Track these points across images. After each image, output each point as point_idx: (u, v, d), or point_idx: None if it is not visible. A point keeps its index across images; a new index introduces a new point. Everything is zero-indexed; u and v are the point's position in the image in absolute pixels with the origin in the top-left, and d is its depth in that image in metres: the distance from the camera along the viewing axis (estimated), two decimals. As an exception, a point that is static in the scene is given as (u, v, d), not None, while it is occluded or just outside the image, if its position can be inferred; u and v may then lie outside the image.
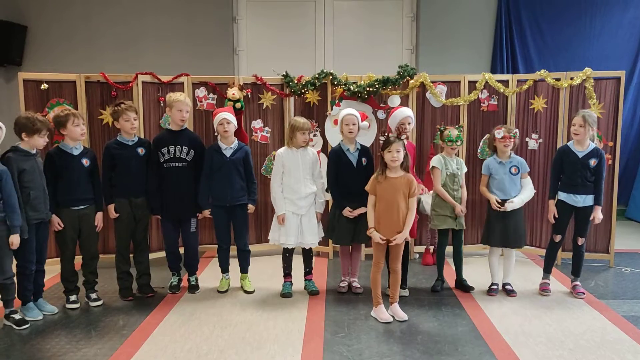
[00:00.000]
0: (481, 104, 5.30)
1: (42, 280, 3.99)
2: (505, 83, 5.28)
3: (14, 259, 3.72)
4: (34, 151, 3.80)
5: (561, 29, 7.23)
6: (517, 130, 4.37)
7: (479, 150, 5.33)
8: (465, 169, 4.38)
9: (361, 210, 4.10)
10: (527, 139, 5.25)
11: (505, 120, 5.28)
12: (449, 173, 4.29)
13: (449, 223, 4.28)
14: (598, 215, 4.19)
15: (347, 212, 4.12)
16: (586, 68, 4.98)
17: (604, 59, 6.96)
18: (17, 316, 3.73)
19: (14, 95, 5.19)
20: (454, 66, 6.86)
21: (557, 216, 4.26)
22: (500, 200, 4.19)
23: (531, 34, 7.30)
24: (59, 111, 4.11)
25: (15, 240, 3.57)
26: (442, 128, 4.36)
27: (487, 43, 7.40)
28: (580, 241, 4.28)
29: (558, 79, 5.08)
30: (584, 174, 4.14)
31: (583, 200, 4.19)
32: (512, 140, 4.22)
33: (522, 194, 4.26)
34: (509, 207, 4.17)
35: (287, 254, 4.37)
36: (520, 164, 4.30)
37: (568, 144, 4.30)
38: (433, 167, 4.31)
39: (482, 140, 5.26)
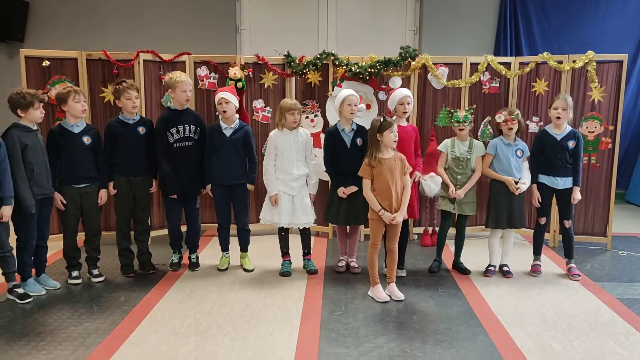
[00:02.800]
0: (483, 87, 5.29)
1: (44, 256, 4.05)
2: (507, 65, 5.26)
3: (13, 234, 3.77)
4: (34, 127, 3.83)
5: (566, 11, 7.18)
6: (518, 111, 4.37)
7: (479, 133, 5.33)
8: (481, 152, 4.31)
9: (352, 189, 4.12)
10: (527, 122, 5.25)
11: (507, 103, 5.27)
12: (454, 156, 4.30)
13: (448, 206, 4.32)
14: (576, 195, 4.24)
15: (341, 192, 4.16)
16: (588, 51, 4.96)
17: (608, 42, 6.91)
18: (20, 290, 3.80)
19: (16, 71, 5.20)
20: (457, 48, 6.82)
21: (540, 199, 4.30)
22: (517, 181, 4.23)
23: (536, 16, 7.24)
24: (61, 88, 4.12)
25: (5, 212, 3.58)
26: (452, 110, 4.36)
27: (491, 25, 7.36)
28: (567, 224, 4.33)
29: (560, 62, 5.06)
30: (563, 156, 4.20)
31: (563, 182, 4.24)
32: (515, 122, 4.24)
33: (526, 177, 4.29)
34: (522, 188, 4.22)
35: (282, 233, 4.42)
36: (524, 147, 4.35)
37: (545, 128, 4.37)
38: (439, 150, 4.37)
39: (483, 123, 5.26)
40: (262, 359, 3.01)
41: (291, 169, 4.23)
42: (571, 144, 4.21)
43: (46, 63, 4.82)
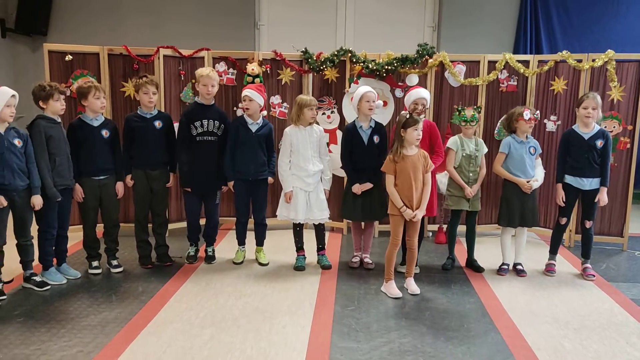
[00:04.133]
0: (500, 85, 5.28)
1: (65, 246, 4.17)
2: (525, 63, 5.23)
3: (35, 223, 3.89)
4: (58, 119, 3.93)
5: (587, 9, 7.08)
6: (538, 111, 4.40)
7: (495, 131, 5.32)
8: (485, 150, 4.40)
9: (367, 186, 4.16)
10: (545, 121, 5.23)
11: (525, 101, 5.25)
12: (464, 154, 4.31)
13: (462, 204, 4.33)
14: (603, 197, 4.21)
15: (356, 188, 4.19)
16: (608, 50, 4.91)
17: (631, 40, 6.81)
18: (37, 278, 3.91)
19: (40, 65, 5.32)
20: (477, 45, 6.76)
21: (564, 199, 4.29)
22: (528, 180, 4.22)
23: (557, 14, 7.16)
24: (82, 82, 4.22)
25: (36, 201, 3.71)
26: (460, 108, 4.37)
27: (511, 22, 7.29)
28: (588, 224, 4.30)
29: (580, 61, 5.02)
30: (591, 155, 4.16)
31: (589, 183, 4.21)
32: (536, 121, 4.27)
33: (539, 174, 4.29)
34: (534, 185, 4.22)
35: (297, 228, 4.47)
36: (537, 145, 4.34)
37: (573, 127, 4.32)
38: (448, 148, 4.35)
39: (500, 121, 5.25)
40: (275, 350, 3.07)
41: (307, 165, 4.28)
42: (599, 143, 4.16)
43: (69, 57, 4.92)
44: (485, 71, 5.21)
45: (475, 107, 4.44)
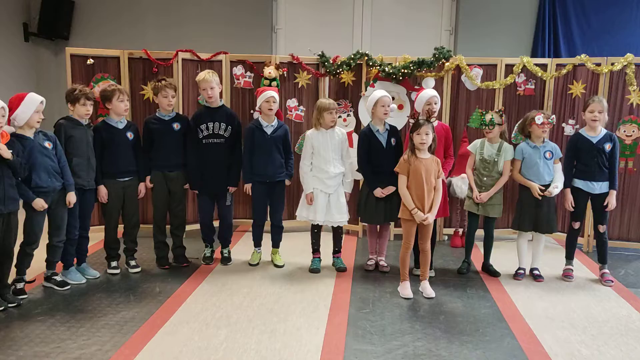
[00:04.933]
0: (517, 88, 5.25)
1: (86, 246, 4.24)
2: (543, 67, 5.20)
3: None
4: (84, 121, 4.02)
5: (607, 12, 6.98)
6: (554, 116, 4.35)
7: (513, 135, 5.28)
8: (509, 157, 4.24)
9: (391, 189, 4.17)
10: (563, 124, 5.19)
11: (542, 105, 5.21)
12: (481, 158, 4.30)
13: (473, 207, 4.34)
14: (612, 201, 4.18)
15: (379, 192, 4.19)
16: (627, 54, 4.86)
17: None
18: (58, 277, 3.98)
19: (62, 68, 5.43)
20: (494, 48, 6.73)
21: (574, 204, 4.25)
22: (543, 188, 4.18)
23: (575, 17, 7.08)
24: (106, 86, 4.30)
25: (71, 198, 3.82)
26: (484, 112, 4.34)
27: (529, 26, 7.23)
28: (602, 228, 4.27)
29: (598, 64, 4.98)
30: (599, 159, 4.14)
31: (599, 187, 4.18)
32: (550, 125, 4.21)
33: (558, 180, 4.24)
34: (554, 192, 4.17)
35: (315, 230, 4.49)
36: (554, 149, 4.28)
37: (579, 131, 4.30)
38: (469, 149, 4.40)
39: (516, 125, 5.21)
40: (289, 352, 3.09)
41: (327, 167, 4.30)
42: (607, 146, 4.15)
43: (90, 61, 5.01)
44: (503, 75, 5.19)
45: (497, 110, 4.40)
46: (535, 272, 4.38)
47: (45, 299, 3.79)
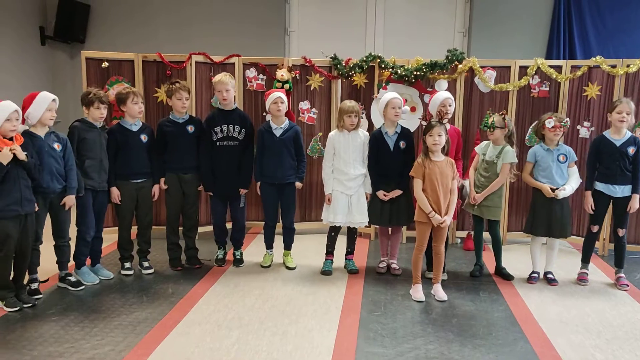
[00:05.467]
0: (531, 90, 5.21)
1: (99, 247, 4.28)
2: (558, 69, 5.16)
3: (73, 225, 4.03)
4: (98, 124, 4.06)
5: (622, 12, 6.92)
6: (568, 119, 4.30)
7: (526, 137, 5.25)
8: (508, 160, 4.19)
9: (396, 192, 4.17)
10: (578, 127, 5.14)
11: (557, 107, 5.17)
12: (482, 159, 4.30)
13: (469, 207, 4.38)
14: (635, 204, 4.12)
15: (382, 194, 4.20)
16: (644, 55, 4.82)
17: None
18: (72, 278, 4.03)
19: (77, 71, 5.49)
20: (508, 50, 6.70)
21: (594, 207, 4.20)
22: (553, 188, 4.15)
23: (591, 18, 7.02)
24: (121, 88, 4.35)
25: (69, 201, 3.83)
26: (487, 114, 4.33)
27: (544, 27, 7.18)
28: (621, 232, 4.21)
29: (614, 66, 4.92)
30: (622, 163, 4.08)
31: (621, 190, 4.13)
32: (563, 129, 4.17)
33: (570, 182, 4.20)
34: (560, 194, 4.12)
35: (332, 233, 4.49)
36: (568, 152, 4.24)
37: (604, 133, 4.25)
38: (476, 150, 4.39)
39: (531, 127, 5.18)
40: (301, 354, 3.09)
41: (348, 169, 4.30)
42: (631, 150, 4.08)
43: (105, 64, 5.07)
44: (517, 77, 5.16)
45: (500, 113, 4.36)
46: (549, 276, 4.34)
47: (59, 299, 3.83)
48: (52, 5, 7.37)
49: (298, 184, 4.52)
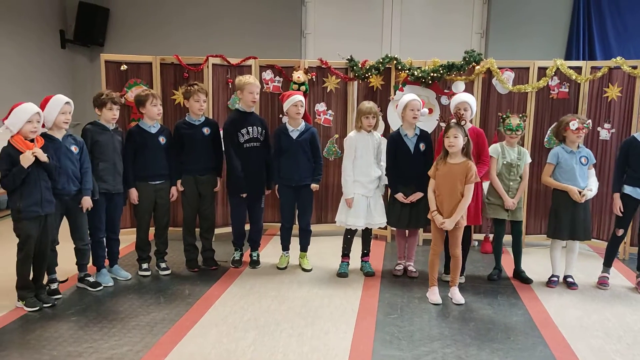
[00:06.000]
0: (551, 92, 5.15)
1: (117, 249, 4.32)
2: (578, 70, 5.09)
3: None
4: (110, 126, 4.09)
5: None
6: (590, 120, 4.25)
7: (545, 139, 5.19)
8: (528, 160, 4.27)
9: (417, 195, 4.15)
10: (598, 129, 5.06)
11: (576, 109, 5.10)
12: (505, 162, 4.24)
13: (501, 214, 4.25)
14: None
15: (400, 197, 4.18)
16: (666, 55, 4.73)
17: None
18: (91, 279, 4.07)
19: (97, 74, 5.56)
20: (526, 52, 6.63)
21: (622, 210, 4.13)
22: (580, 190, 4.09)
23: (611, 19, 6.93)
24: (140, 91, 4.39)
25: (85, 203, 3.86)
26: (504, 116, 4.29)
27: (563, 28, 7.10)
28: None
29: (635, 67, 4.84)
30: None
31: None
32: (585, 130, 4.11)
33: (592, 185, 4.14)
34: (589, 195, 4.08)
35: (348, 235, 4.47)
36: (589, 155, 4.19)
37: (635, 135, 4.16)
38: (491, 155, 4.27)
39: (550, 129, 5.11)
40: (317, 356, 3.09)
41: (369, 170, 4.30)
42: None
43: (124, 67, 5.12)
44: (535, 78, 5.09)
45: (520, 115, 4.34)
46: (569, 279, 4.27)
47: (78, 299, 3.87)
48: (72, 10, 7.49)
49: (314, 186, 4.51)
